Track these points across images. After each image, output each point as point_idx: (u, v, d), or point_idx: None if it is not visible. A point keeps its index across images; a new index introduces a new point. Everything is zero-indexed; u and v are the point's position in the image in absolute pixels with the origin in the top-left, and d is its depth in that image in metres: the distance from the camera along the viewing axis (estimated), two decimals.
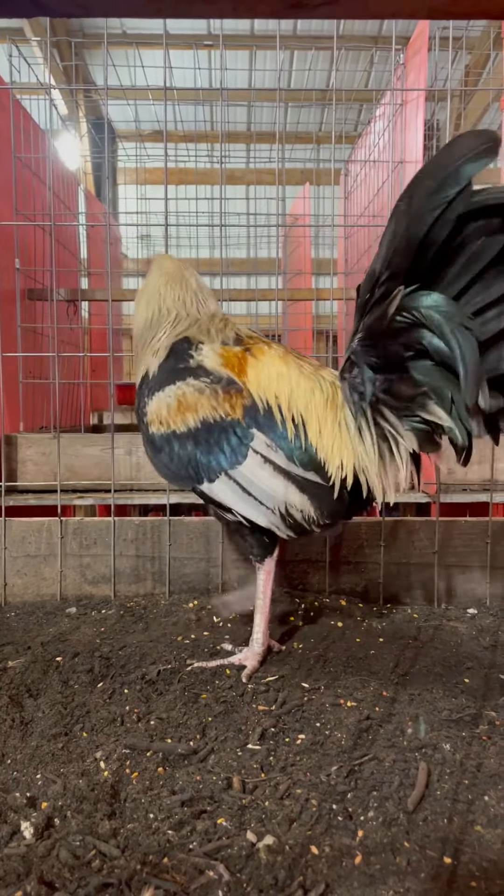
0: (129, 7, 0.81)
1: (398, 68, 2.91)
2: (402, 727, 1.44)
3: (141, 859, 1.06)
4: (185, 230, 6.25)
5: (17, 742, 1.42)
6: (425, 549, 2.37)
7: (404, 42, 2.90)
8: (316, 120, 8.17)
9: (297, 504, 1.67)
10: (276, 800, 1.21)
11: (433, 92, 3.05)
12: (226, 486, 1.69)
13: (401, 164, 2.84)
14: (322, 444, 1.66)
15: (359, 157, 4.01)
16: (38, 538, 2.36)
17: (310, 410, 1.68)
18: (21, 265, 2.82)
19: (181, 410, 1.70)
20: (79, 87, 7.83)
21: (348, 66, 7.86)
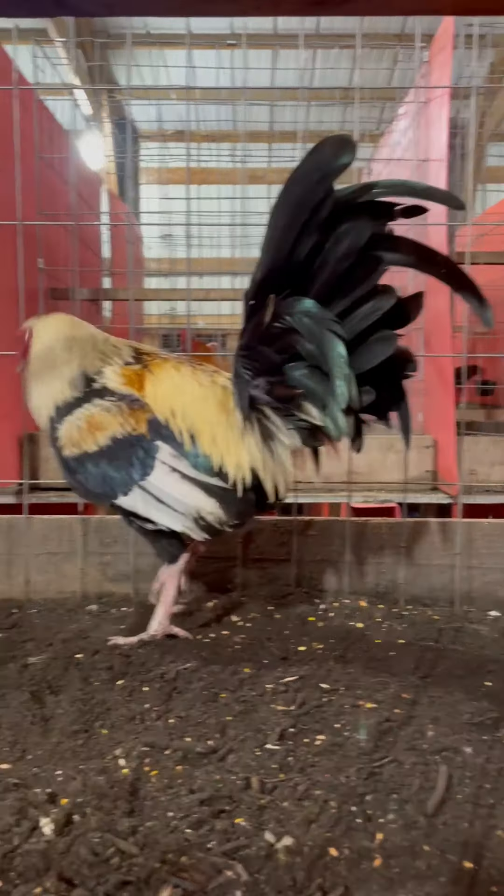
0: (154, 6, 0.82)
1: (422, 66, 2.90)
2: (423, 730, 1.43)
3: (160, 857, 1.06)
4: (207, 230, 6.26)
5: (37, 738, 1.43)
6: (447, 550, 2.35)
7: (428, 39, 2.88)
8: (338, 119, 8.14)
9: (207, 508, 1.78)
10: (295, 800, 1.21)
11: (457, 89, 3.02)
12: (139, 497, 1.80)
13: (424, 163, 2.83)
14: (217, 449, 1.77)
15: (382, 155, 4.00)
16: (59, 536, 2.38)
17: (203, 419, 1.80)
18: (44, 265, 2.84)
19: (91, 430, 1.80)
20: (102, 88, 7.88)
21: (371, 65, 7.83)
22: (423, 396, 2.99)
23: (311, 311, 1.57)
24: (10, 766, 1.32)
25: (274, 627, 2.05)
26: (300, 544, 2.36)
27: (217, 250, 5.64)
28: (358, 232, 1.51)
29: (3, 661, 1.79)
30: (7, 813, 1.15)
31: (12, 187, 2.32)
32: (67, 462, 1.85)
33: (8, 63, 2.54)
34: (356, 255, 1.53)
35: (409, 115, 3.11)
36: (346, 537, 2.34)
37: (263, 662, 1.78)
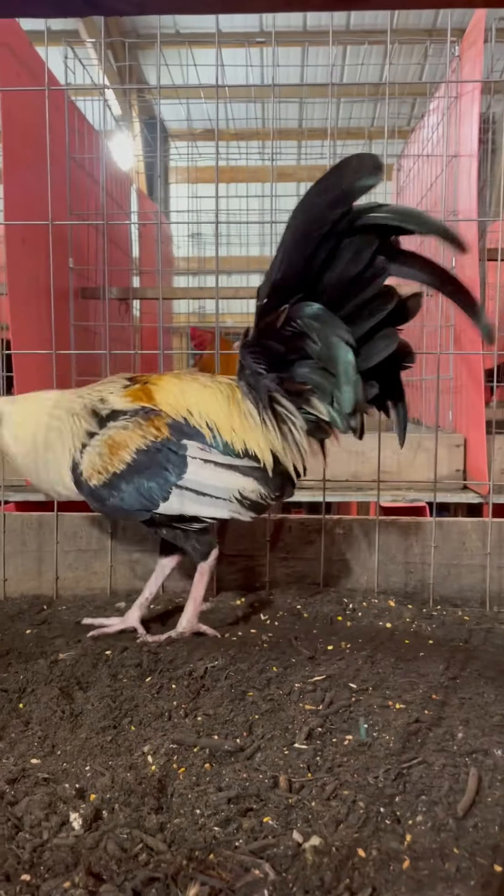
0: (184, 4, 0.82)
1: (453, 61, 2.86)
2: (453, 731, 1.41)
3: (187, 855, 1.06)
4: (236, 228, 6.26)
5: (66, 734, 1.44)
6: (477, 550, 2.32)
7: (459, 34, 2.84)
8: (368, 115, 8.09)
9: (248, 486, 1.84)
10: (323, 800, 1.20)
11: (489, 84, 2.98)
12: (181, 496, 1.84)
13: (455, 158, 2.80)
14: (238, 436, 1.85)
15: (412, 151, 3.96)
16: (89, 533, 2.39)
17: (217, 412, 1.87)
18: (74, 264, 2.86)
19: (114, 452, 1.85)
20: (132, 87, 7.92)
21: (402, 60, 7.76)
22: (453, 394, 2.96)
23: (321, 317, 1.67)
24: (39, 762, 1.34)
25: (302, 626, 2.04)
26: (328, 543, 2.36)
27: (246, 248, 5.64)
28: (369, 245, 1.59)
29: (34, 657, 1.81)
30: (37, 807, 1.17)
31: (44, 187, 2.34)
32: (97, 492, 1.88)
33: (40, 65, 2.57)
34: (365, 262, 1.61)
35: (440, 110, 3.08)
36: (374, 536, 2.33)
37: (291, 661, 1.77)
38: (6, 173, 2.37)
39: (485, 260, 3.08)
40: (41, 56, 2.59)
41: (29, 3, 0.82)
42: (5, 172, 2.36)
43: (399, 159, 4.49)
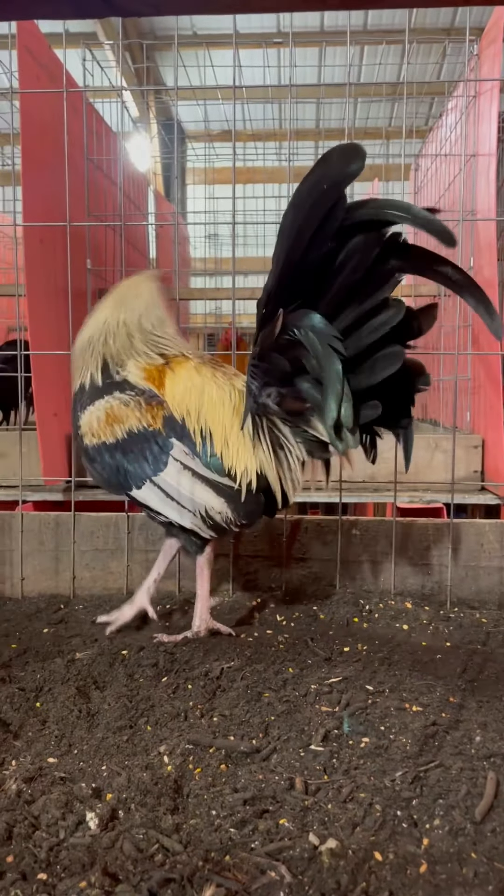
0: (200, 5, 0.82)
1: (471, 59, 2.85)
2: (470, 734, 1.40)
3: (203, 856, 1.06)
4: (253, 229, 6.26)
5: (83, 733, 1.45)
6: (495, 552, 2.31)
7: (478, 33, 2.82)
8: (386, 115, 8.07)
9: (216, 507, 1.81)
10: (340, 803, 1.19)
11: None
12: (151, 492, 1.83)
13: (473, 158, 2.78)
14: (228, 452, 1.80)
15: (429, 151, 3.94)
16: (105, 533, 2.40)
17: (216, 421, 1.82)
18: (92, 265, 2.87)
19: (109, 422, 1.84)
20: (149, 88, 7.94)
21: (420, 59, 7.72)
22: (470, 395, 2.94)
23: (315, 326, 1.59)
24: (56, 761, 1.34)
25: (318, 627, 2.04)
26: (345, 544, 2.35)
27: (263, 249, 5.63)
28: (368, 245, 1.52)
29: (51, 656, 1.82)
30: (53, 806, 1.17)
31: (62, 189, 2.35)
32: (87, 450, 1.89)
33: (58, 67, 2.58)
34: (365, 268, 1.53)
35: (458, 109, 3.06)
36: (391, 538, 2.32)
37: (307, 662, 1.77)
38: (25, 175, 2.38)
39: (503, 260, 3.06)
40: (59, 58, 2.60)
41: (47, 5, 0.82)
42: (24, 174, 2.38)
43: (417, 159, 4.47)
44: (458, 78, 3.32)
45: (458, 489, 2.45)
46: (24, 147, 2.37)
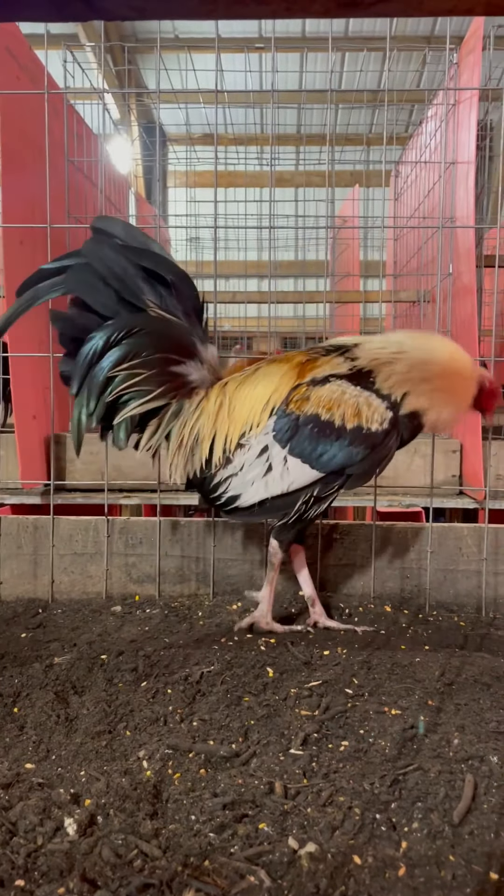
0: (184, 9, 0.81)
1: (451, 68, 2.87)
2: (449, 737, 1.41)
3: (182, 861, 1.06)
4: (234, 232, 6.27)
5: (62, 738, 1.44)
6: (472, 555, 2.33)
7: (458, 41, 2.85)
8: (367, 121, 8.11)
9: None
10: (319, 807, 1.20)
11: (487, 91, 2.99)
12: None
13: (453, 165, 2.80)
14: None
15: (410, 158, 3.97)
16: (85, 536, 2.39)
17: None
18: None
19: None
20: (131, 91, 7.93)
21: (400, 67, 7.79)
22: None
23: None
24: (34, 766, 1.33)
25: (298, 631, 2.04)
26: (324, 548, 2.35)
27: (244, 253, 5.64)
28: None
29: (29, 661, 1.80)
30: (31, 812, 1.16)
31: (43, 191, 2.34)
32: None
33: (39, 68, 2.57)
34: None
35: (438, 117, 3.09)
36: (371, 541, 2.33)
37: (287, 666, 1.77)
38: (5, 176, 2.37)
39: (482, 266, 3.09)
40: (40, 60, 2.59)
41: (28, 7, 0.82)
42: (4, 175, 2.36)
43: (397, 165, 4.50)
44: (437, 86, 3.35)
45: (437, 493, 2.47)
46: (3, 148, 2.36)
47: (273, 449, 1.85)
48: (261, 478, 1.86)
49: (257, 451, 1.86)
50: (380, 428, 1.82)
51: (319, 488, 1.86)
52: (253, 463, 1.87)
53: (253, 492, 1.87)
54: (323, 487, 1.86)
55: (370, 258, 6.20)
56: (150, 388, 1.84)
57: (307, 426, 1.83)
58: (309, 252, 6.47)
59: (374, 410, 1.83)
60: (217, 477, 1.90)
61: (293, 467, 1.84)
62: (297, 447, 1.83)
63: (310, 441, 1.83)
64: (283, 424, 1.85)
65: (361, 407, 1.82)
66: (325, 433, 1.82)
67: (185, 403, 1.92)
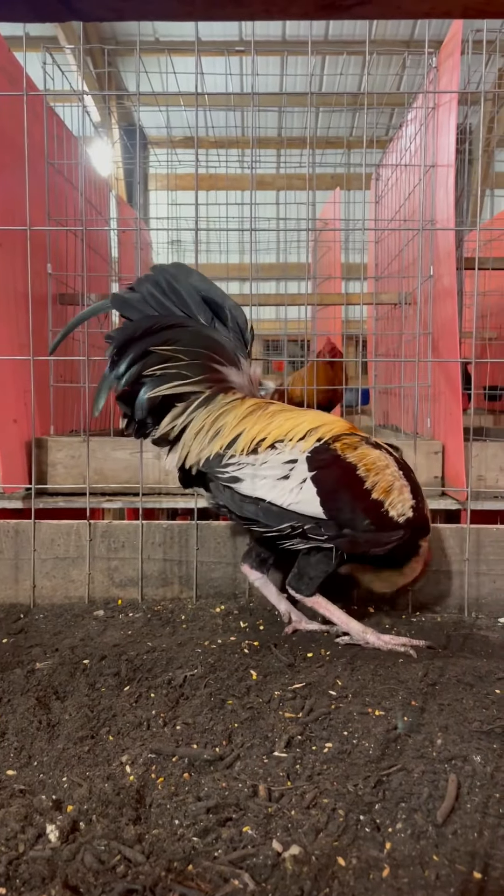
0: (161, 10, 0.81)
1: (430, 72, 2.89)
2: (432, 738, 1.42)
3: (166, 866, 1.05)
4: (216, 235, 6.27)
5: (43, 744, 1.43)
6: (455, 556, 2.34)
7: (437, 45, 2.87)
8: (347, 124, 8.16)
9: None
10: (303, 809, 1.19)
11: (466, 95, 3.02)
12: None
13: (433, 168, 2.82)
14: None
15: (390, 161, 3.99)
16: (66, 541, 2.37)
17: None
18: (53, 270, 2.84)
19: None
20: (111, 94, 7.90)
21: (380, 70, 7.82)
22: (431, 401, 2.98)
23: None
24: (15, 773, 1.32)
25: (281, 633, 2.04)
26: None
27: (226, 256, 5.64)
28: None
29: (10, 667, 1.78)
30: (12, 819, 1.15)
31: (22, 193, 2.32)
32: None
33: (18, 70, 2.56)
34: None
35: (418, 120, 3.11)
36: None
37: (271, 669, 1.77)
38: None
39: (462, 269, 3.11)
40: (19, 61, 2.58)
41: (7, 8, 0.81)
42: None
43: (377, 168, 4.52)
44: (417, 89, 3.37)
45: None
46: None
47: (300, 465, 1.87)
48: (274, 479, 1.87)
49: (285, 458, 1.88)
50: (397, 518, 1.89)
51: (311, 527, 1.88)
52: (275, 464, 1.88)
53: (258, 486, 1.88)
54: (314, 528, 1.88)
55: (351, 261, 6.22)
56: (187, 374, 1.88)
57: (340, 469, 1.87)
58: (290, 255, 6.48)
59: (402, 500, 1.91)
60: (233, 460, 1.90)
61: (306, 491, 1.86)
62: (321, 478, 1.86)
63: (334, 482, 1.87)
64: (322, 452, 1.89)
65: (394, 489, 1.90)
66: (350, 485, 1.87)
67: (218, 396, 1.93)
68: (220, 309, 1.96)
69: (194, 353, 1.89)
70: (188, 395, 1.91)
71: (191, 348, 1.89)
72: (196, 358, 1.89)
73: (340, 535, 1.89)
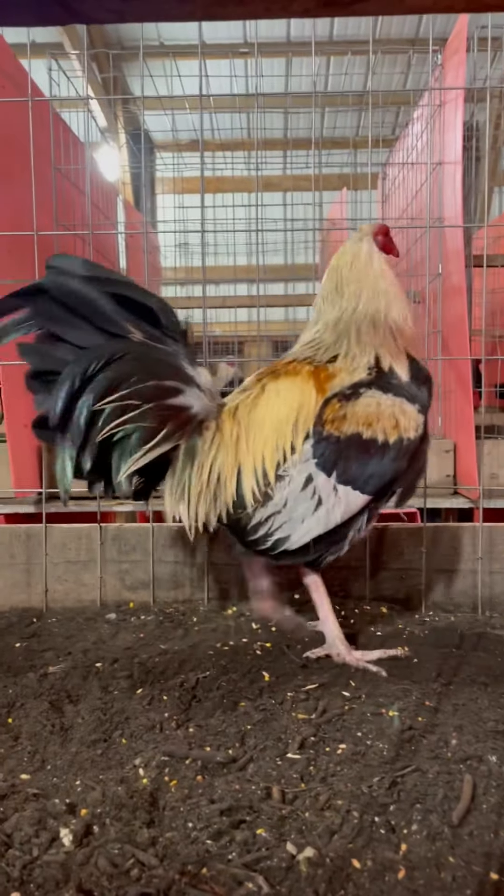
0: (162, 11, 0.81)
1: (436, 69, 2.88)
2: (447, 738, 1.40)
3: (179, 869, 1.05)
4: (223, 237, 6.28)
5: (57, 748, 1.43)
6: (468, 555, 2.32)
7: (441, 43, 2.86)
8: (353, 124, 8.14)
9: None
10: (317, 811, 1.19)
11: (472, 92, 3.00)
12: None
13: (440, 166, 2.81)
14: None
15: (396, 160, 3.98)
16: (78, 544, 2.38)
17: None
18: None
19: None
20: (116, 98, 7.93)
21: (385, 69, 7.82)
22: (441, 400, 2.97)
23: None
24: (29, 777, 1.32)
25: (294, 635, 2.03)
26: None
27: (233, 258, 5.64)
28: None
29: (23, 671, 1.79)
30: (26, 823, 1.15)
31: (29, 198, 2.33)
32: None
33: (23, 76, 2.57)
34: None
35: (424, 118, 3.10)
36: (366, 543, 2.32)
37: (283, 670, 1.76)
38: None
39: (471, 266, 3.10)
40: (25, 68, 2.59)
41: (8, 13, 0.81)
42: None
43: (384, 168, 4.51)
44: (422, 87, 3.36)
45: (432, 493, 2.46)
46: None
47: (318, 479, 1.67)
48: (311, 513, 1.67)
49: (301, 483, 1.67)
50: (416, 434, 1.71)
51: (370, 511, 1.74)
52: (298, 497, 1.67)
53: (305, 529, 1.68)
54: (373, 509, 1.74)
55: None
56: (150, 423, 1.63)
57: (351, 448, 1.67)
58: (298, 255, 6.48)
59: (409, 418, 1.71)
60: (256, 517, 1.69)
61: (345, 496, 1.67)
62: (344, 473, 1.67)
63: (357, 465, 1.67)
64: (324, 449, 1.67)
65: (398, 417, 1.70)
66: (370, 453, 1.67)
67: (197, 442, 1.71)
68: (140, 308, 1.68)
69: (144, 391, 1.62)
70: (167, 454, 1.69)
71: (138, 385, 1.62)
72: (149, 398, 1.63)
73: (393, 492, 1.77)
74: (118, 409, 1.60)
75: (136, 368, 1.62)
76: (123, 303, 1.65)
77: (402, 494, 1.79)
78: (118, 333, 1.64)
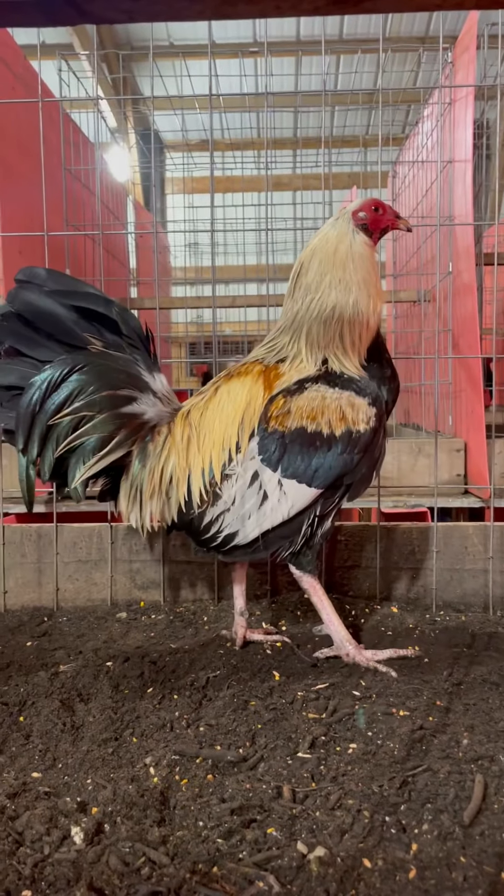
0: (172, 11, 0.81)
1: (446, 67, 2.87)
2: (458, 738, 1.40)
3: (190, 868, 1.05)
4: (233, 237, 6.28)
5: (68, 746, 1.43)
6: (479, 554, 2.31)
7: (452, 41, 2.85)
8: (363, 123, 8.13)
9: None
10: (328, 810, 1.19)
11: (482, 90, 2.99)
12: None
13: (450, 164, 2.80)
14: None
15: (406, 158, 3.97)
16: (88, 543, 2.38)
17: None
18: (71, 275, 2.86)
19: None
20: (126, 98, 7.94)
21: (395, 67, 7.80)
22: (452, 399, 2.96)
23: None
24: (40, 775, 1.33)
25: (304, 634, 2.03)
26: (330, 550, 2.34)
27: (243, 258, 5.64)
28: None
29: (34, 670, 1.80)
30: (38, 822, 1.15)
31: (39, 199, 2.34)
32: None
33: (34, 78, 2.58)
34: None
35: (434, 116, 3.09)
36: (376, 543, 2.32)
37: (294, 669, 1.76)
38: (2, 186, 2.37)
39: (481, 265, 3.08)
40: (35, 69, 2.60)
41: (18, 13, 0.82)
42: (1, 184, 2.37)
43: (394, 166, 4.50)
44: (433, 85, 3.35)
45: (442, 493, 2.45)
46: (0, 158, 2.36)
47: (264, 474, 1.70)
48: (257, 509, 1.71)
49: (247, 480, 1.71)
50: (367, 427, 1.70)
51: (321, 505, 1.74)
52: (245, 494, 1.71)
53: (252, 525, 1.72)
54: (325, 503, 1.74)
55: None
56: (104, 433, 1.71)
57: (295, 442, 1.69)
58: None
59: (358, 410, 1.70)
60: (207, 516, 1.74)
61: (290, 490, 1.69)
62: (289, 467, 1.69)
63: (302, 458, 1.68)
64: (268, 445, 1.70)
65: (345, 409, 1.70)
66: (315, 446, 1.68)
67: (148, 447, 1.78)
68: (100, 317, 1.77)
69: (98, 402, 1.71)
70: (120, 460, 1.76)
71: (93, 396, 1.70)
72: (102, 408, 1.71)
73: (346, 486, 1.75)
74: (74, 420, 1.71)
75: (93, 379, 1.71)
76: (85, 314, 1.76)
77: (355, 487, 1.76)
78: (78, 345, 1.75)
